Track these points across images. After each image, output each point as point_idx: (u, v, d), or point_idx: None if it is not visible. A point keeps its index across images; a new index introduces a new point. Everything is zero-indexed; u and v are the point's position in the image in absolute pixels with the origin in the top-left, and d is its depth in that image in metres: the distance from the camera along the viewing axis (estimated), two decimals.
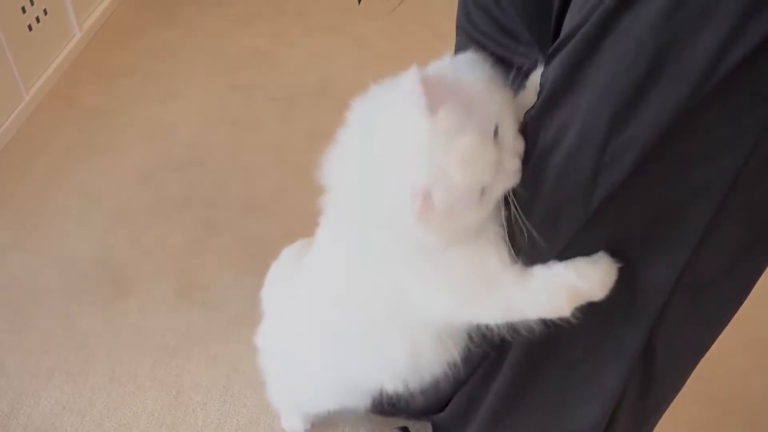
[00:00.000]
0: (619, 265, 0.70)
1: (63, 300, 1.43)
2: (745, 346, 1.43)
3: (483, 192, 0.65)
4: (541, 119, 0.67)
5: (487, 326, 0.78)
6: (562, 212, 0.68)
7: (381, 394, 1.03)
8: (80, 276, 1.48)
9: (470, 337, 0.83)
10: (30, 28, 1.91)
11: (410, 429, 1.14)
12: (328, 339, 0.91)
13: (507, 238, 0.70)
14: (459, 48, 0.91)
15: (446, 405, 1.10)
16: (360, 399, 1.02)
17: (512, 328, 0.77)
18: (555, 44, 0.66)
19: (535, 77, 0.75)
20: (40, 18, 1.95)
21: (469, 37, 0.89)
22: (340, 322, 0.88)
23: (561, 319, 0.72)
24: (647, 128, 0.59)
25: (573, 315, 0.72)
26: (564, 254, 0.71)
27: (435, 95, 0.62)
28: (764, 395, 1.34)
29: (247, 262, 1.52)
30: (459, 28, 0.92)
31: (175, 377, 1.30)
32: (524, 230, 0.68)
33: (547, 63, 0.68)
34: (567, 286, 0.70)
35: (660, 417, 0.99)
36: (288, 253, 1.07)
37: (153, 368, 1.31)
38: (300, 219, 1.00)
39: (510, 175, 0.67)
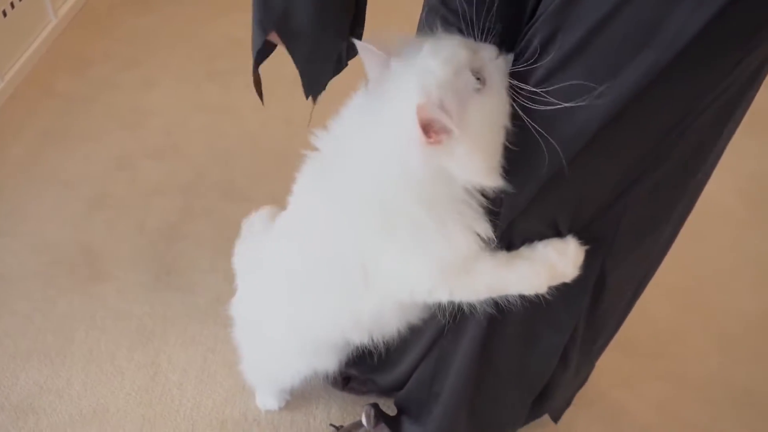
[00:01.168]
0: (586, 247, 0.78)
1: (40, 283, 1.44)
2: (703, 326, 1.50)
3: (480, 79, 0.67)
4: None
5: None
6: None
7: (348, 361, 1.10)
8: (57, 260, 1.50)
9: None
10: (5, 14, 1.91)
11: (380, 405, 1.18)
12: (294, 290, 0.93)
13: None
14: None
15: (404, 383, 1.14)
16: (327, 360, 1.05)
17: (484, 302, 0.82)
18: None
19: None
20: (14, 4, 1.95)
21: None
22: (307, 274, 0.89)
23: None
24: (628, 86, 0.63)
25: (548, 291, 0.79)
26: (539, 209, 0.76)
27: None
28: (718, 373, 1.41)
29: (223, 247, 1.52)
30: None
31: (153, 358, 1.33)
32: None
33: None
34: (547, 263, 0.77)
35: (600, 352, 1.08)
36: (248, 225, 1.10)
37: (130, 350, 1.34)
38: (277, 204, 1.03)
39: (494, 58, 0.70)
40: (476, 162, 0.69)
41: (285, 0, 0.72)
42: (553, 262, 0.78)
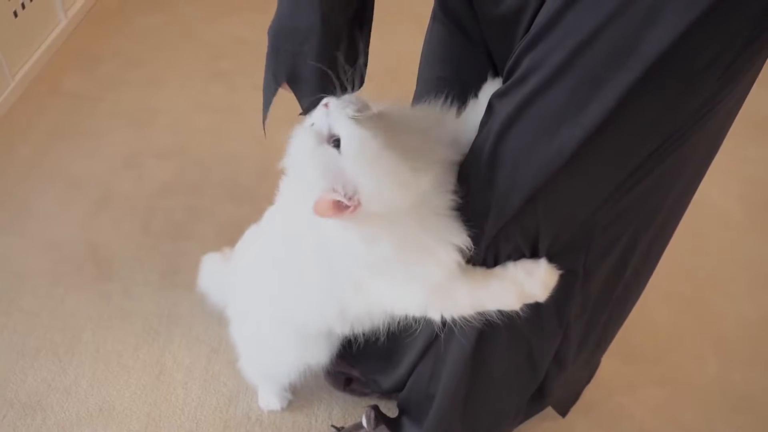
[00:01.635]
0: (560, 271, 0.81)
1: (48, 282, 1.47)
2: (702, 332, 1.51)
3: (335, 137, 0.72)
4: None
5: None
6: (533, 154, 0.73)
7: (350, 362, 1.14)
8: (65, 259, 1.52)
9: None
10: (15, 14, 1.93)
11: (380, 407, 1.20)
12: (280, 281, 0.97)
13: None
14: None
15: (404, 385, 1.17)
16: (318, 353, 1.07)
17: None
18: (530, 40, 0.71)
19: (488, 89, 0.83)
20: (25, 4, 1.97)
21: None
22: (294, 270, 0.93)
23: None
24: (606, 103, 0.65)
25: (521, 309, 0.82)
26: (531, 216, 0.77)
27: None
28: (716, 378, 1.42)
29: (227, 247, 1.56)
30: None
31: (158, 357, 1.35)
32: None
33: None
34: (516, 283, 0.80)
35: (603, 348, 1.11)
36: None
37: (136, 349, 1.36)
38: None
39: (341, 106, 0.73)
40: (391, 193, 0.71)
41: (293, 56, 0.80)
42: (521, 282, 0.80)
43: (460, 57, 0.90)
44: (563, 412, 1.25)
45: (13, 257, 1.51)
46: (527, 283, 0.80)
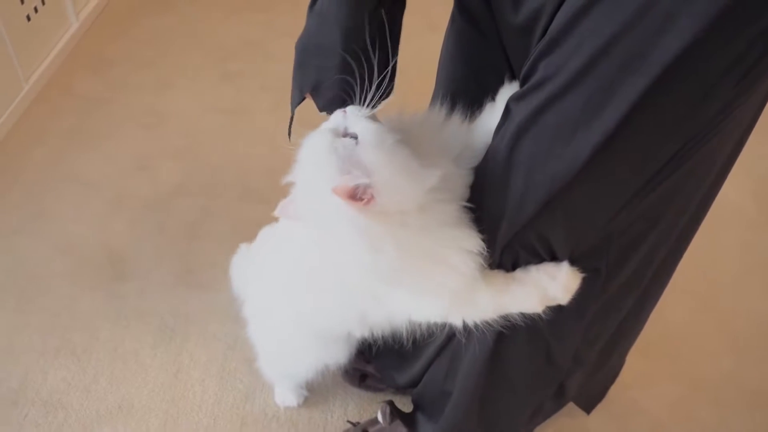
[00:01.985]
0: (582, 275, 0.81)
1: (66, 283, 1.49)
2: (716, 328, 1.51)
3: (351, 135, 0.74)
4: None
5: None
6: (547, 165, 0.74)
7: (365, 358, 1.15)
8: (81, 260, 1.54)
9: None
10: (28, 18, 1.95)
11: (395, 403, 1.21)
12: (300, 286, 0.97)
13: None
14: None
15: (419, 380, 1.17)
16: (336, 353, 1.08)
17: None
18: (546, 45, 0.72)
19: (505, 92, 0.84)
20: (38, 8, 1.99)
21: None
22: (314, 278, 0.93)
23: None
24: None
25: (543, 312, 0.83)
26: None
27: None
28: (731, 374, 1.42)
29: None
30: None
31: (175, 356, 1.37)
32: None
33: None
34: (538, 287, 0.81)
35: (626, 347, 1.11)
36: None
37: (153, 347, 1.38)
38: None
39: (355, 113, 0.76)
40: (404, 186, 0.73)
41: (318, 70, 0.82)
42: (543, 285, 0.81)
43: (477, 58, 0.91)
44: (588, 409, 1.25)
45: (31, 259, 1.53)
46: (550, 286, 0.80)
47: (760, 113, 0.79)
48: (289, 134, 0.92)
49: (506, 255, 0.82)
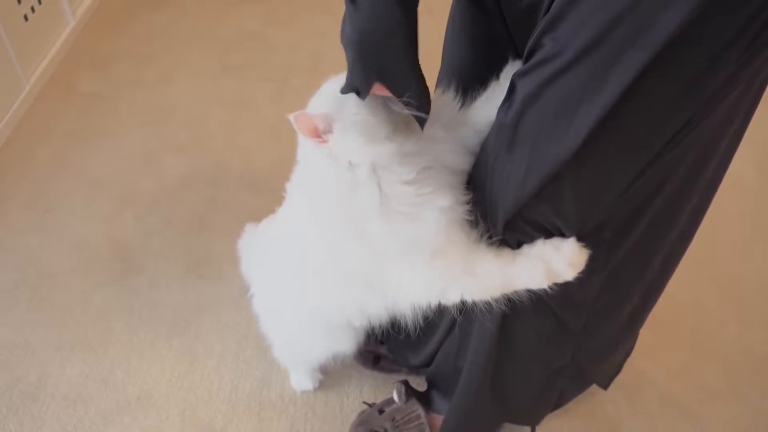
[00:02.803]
0: (588, 252, 0.82)
1: (77, 278, 1.51)
2: (720, 295, 1.53)
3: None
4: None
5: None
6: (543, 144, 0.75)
7: (379, 340, 1.19)
8: (92, 256, 1.56)
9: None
10: (26, 18, 1.96)
11: (410, 382, 1.24)
12: (301, 275, 1.01)
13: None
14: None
15: (432, 359, 1.19)
16: (345, 342, 1.11)
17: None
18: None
19: (509, 71, 0.85)
20: (34, 8, 2.00)
21: None
22: (313, 267, 0.98)
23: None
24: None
25: (549, 288, 0.84)
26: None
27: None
28: (736, 340, 1.45)
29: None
30: None
31: (190, 346, 1.39)
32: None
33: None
34: (543, 260, 0.82)
35: (638, 322, 1.12)
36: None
37: (168, 338, 1.40)
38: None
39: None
40: (356, 141, 0.81)
41: (382, 55, 0.77)
42: (547, 259, 0.81)
43: (482, 38, 0.92)
44: (605, 385, 1.26)
45: (42, 256, 1.55)
46: (554, 259, 0.81)
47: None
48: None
49: (510, 231, 0.83)
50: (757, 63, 0.69)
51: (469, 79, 0.89)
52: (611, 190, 0.77)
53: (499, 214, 0.81)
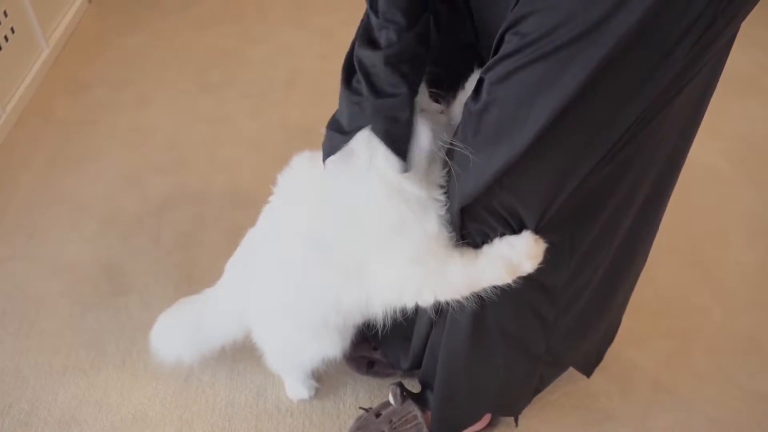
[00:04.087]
0: (546, 245, 0.85)
1: (66, 302, 1.50)
2: (703, 282, 1.57)
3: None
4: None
5: None
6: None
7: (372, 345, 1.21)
8: (80, 278, 1.55)
9: None
10: (0, 48, 1.95)
11: (404, 385, 1.24)
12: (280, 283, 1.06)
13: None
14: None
15: (422, 360, 1.21)
16: (330, 345, 1.12)
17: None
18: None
19: (474, 78, 0.89)
20: (8, 37, 2.00)
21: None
22: (293, 259, 1.02)
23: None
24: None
25: (514, 282, 0.88)
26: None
27: None
28: (722, 323, 1.48)
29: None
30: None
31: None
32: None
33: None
34: (502, 257, 0.86)
35: (612, 309, 1.15)
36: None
37: None
38: None
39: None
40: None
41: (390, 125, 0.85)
42: (505, 255, 0.85)
43: (451, 38, 0.95)
44: (588, 372, 1.29)
45: (29, 282, 1.54)
46: (512, 255, 0.85)
47: (719, 73, 0.84)
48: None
49: (470, 219, 0.87)
50: (705, 59, 0.73)
51: (439, 81, 0.93)
52: (570, 179, 0.80)
53: (457, 198, 0.85)
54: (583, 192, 0.82)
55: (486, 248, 0.88)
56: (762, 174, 1.89)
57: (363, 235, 0.89)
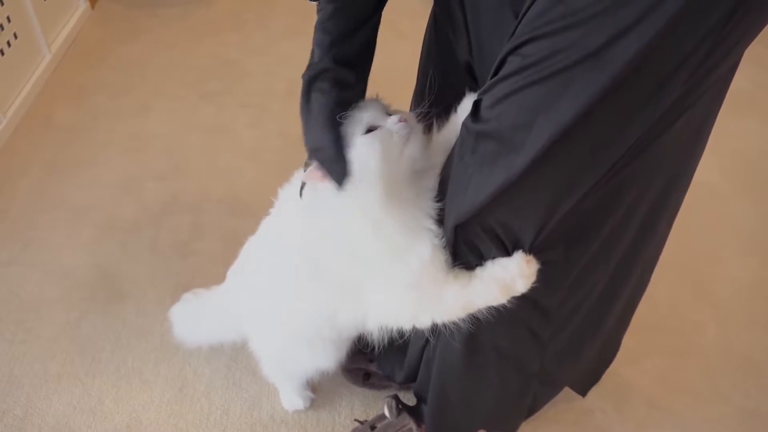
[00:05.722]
0: (538, 264, 0.85)
1: (62, 308, 1.49)
2: (699, 299, 1.57)
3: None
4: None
5: None
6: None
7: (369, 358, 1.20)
8: (76, 285, 1.55)
9: None
10: (2, 52, 1.96)
11: (400, 397, 1.24)
12: (275, 284, 1.07)
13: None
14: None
15: (417, 373, 1.21)
16: (326, 356, 1.13)
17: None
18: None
19: (467, 102, 0.90)
20: (11, 42, 2.00)
21: None
22: (287, 274, 1.03)
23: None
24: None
25: (509, 302, 0.87)
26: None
27: None
28: (716, 342, 1.48)
29: (234, 260, 1.60)
30: None
31: (178, 371, 1.38)
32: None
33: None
34: (494, 279, 0.86)
35: (610, 332, 1.16)
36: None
37: (156, 365, 1.39)
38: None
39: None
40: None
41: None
42: (498, 277, 0.85)
43: (448, 56, 0.96)
44: (583, 392, 1.29)
45: (26, 288, 1.54)
46: (506, 277, 0.84)
47: (721, 100, 0.85)
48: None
49: (466, 238, 0.86)
50: (705, 87, 0.74)
51: (432, 97, 0.93)
52: (567, 199, 0.80)
53: (452, 215, 0.85)
54: (580, 212, 0.82)
55: (479, 270, 0.88)
56: (758, 191, 1.90)
57: (356, 261, 0.89)
